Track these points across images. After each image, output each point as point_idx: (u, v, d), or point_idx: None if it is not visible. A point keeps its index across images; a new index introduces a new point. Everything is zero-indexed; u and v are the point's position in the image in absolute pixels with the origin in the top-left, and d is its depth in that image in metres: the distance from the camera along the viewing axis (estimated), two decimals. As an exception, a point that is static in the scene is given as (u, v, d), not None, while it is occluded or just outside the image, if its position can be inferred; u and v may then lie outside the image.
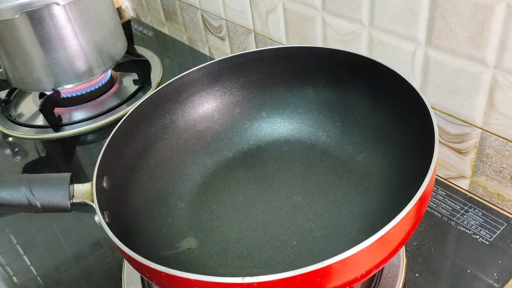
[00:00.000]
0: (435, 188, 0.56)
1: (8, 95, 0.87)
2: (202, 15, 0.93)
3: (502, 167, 0.55)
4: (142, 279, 0.51)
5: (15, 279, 0.56)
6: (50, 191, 0.43)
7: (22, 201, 0.43)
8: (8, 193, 0.43)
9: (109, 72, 0.86)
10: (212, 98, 0.58)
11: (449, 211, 0.53)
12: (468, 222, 0.51)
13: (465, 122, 0.56)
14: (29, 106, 0.85)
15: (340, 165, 0.54)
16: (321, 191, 0.52)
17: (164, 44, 1.01)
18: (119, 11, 1.15)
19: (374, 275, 0.47)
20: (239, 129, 0.59)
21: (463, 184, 0.61)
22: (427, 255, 0.49)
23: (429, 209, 0.53)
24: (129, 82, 0.87)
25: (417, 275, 0.47)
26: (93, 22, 0.75)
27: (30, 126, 0.80)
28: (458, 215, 0.52)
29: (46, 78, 0.75)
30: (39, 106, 0.75)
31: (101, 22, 0.77)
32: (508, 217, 0.51)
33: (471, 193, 0.55)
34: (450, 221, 0.52)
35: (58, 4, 0.70)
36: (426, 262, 0.48)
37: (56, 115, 0.78)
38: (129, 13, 1.18)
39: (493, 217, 0.52)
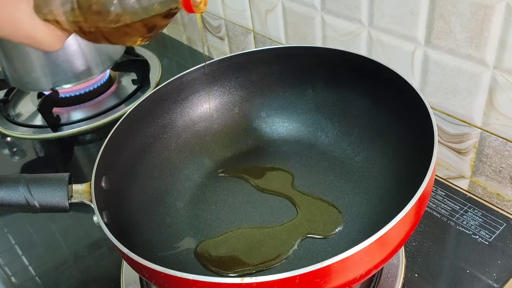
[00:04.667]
0: (435, 188, 0.56)
1: (7, 94, 0.87)
2: (201, 15, 0.93)
3: (501, 167, 0.55)
4: (140, 279, 0.51)
5: (13, 279, 0.56)
6: (49, 191, 0.43)
7: (20, 201, 0.43)
8: (6, 193, 0.43)
9: (108, 71, 0.85)
10: (211, 98, 0.58)
11: (448, 211, 0.53)
12: (467, 222, 0.51)
13: (465, 122, 0.56)
14: (27, 106, 0.85)
15: (339, 165, 0.54)
16: (320, 192, 0.52)
17: (163, 44, 1.01)
18: (118, 10, 1.14)
19: (373, 276, 0.47)
20: (238, 129, 0.59)
21: (463, 184, 0.61)
22: (426, 255, 0.49)
23: (429, 209, 0.53)
24: (127, 82, 0.87)
25: (416, 275, 0.47)
26: (91, 22, 0.75)
27: (28, 126, 0.80)
28: (457, 215, 0.52)
29: (44, 78, 0.75)
30: (38, 105, 0.75)
31: (99, 21, 0.77)
32: (508, 217, 0.51)
33: (470, 193, 0.55)
34: (450, 221, 0.52)
35: (56, 3, 0.69)
36: (426, 262, 0.48)
37: (55, 115, 0.78)
38: (128, 13, 1.18)
39: (493, 217, 0.51)
